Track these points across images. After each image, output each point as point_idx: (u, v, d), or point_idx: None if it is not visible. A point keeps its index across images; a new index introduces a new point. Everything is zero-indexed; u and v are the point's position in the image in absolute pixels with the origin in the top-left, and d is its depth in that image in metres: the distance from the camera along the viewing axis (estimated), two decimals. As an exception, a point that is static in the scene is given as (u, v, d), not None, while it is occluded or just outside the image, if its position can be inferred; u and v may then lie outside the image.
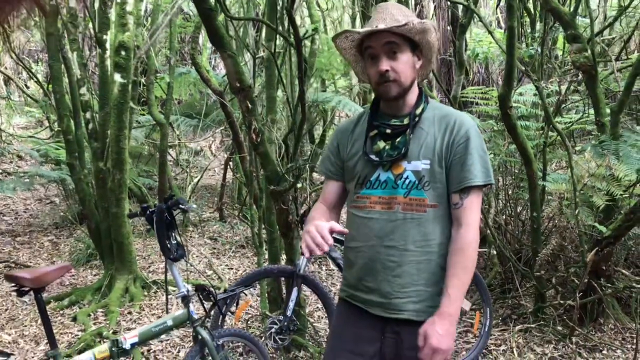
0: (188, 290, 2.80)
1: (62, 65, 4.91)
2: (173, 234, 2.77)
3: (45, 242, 6.80)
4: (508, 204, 5.35)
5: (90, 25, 5.31)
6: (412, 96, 1.85)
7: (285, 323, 3.39)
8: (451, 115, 1.82)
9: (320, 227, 1.66)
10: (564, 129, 5.31)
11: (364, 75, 1.93)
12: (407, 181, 1.79)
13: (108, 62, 4.58)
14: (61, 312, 4.64)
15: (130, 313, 4.51)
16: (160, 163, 6.53)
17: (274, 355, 3.78)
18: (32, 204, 8.79)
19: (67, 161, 4.92)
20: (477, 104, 5.53)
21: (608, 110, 4.54)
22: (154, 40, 5.39)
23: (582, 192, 4.17)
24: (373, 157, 1.83)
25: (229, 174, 7.54)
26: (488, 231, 4.65)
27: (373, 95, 1.98)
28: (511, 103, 4.03)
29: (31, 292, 2.47)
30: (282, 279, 3.98)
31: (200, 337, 2.79)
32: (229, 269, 5.64)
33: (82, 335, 4.08)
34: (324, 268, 5.76)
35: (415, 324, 1.75)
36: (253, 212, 4.66)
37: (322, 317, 4.50)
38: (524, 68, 4.32)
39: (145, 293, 4.83)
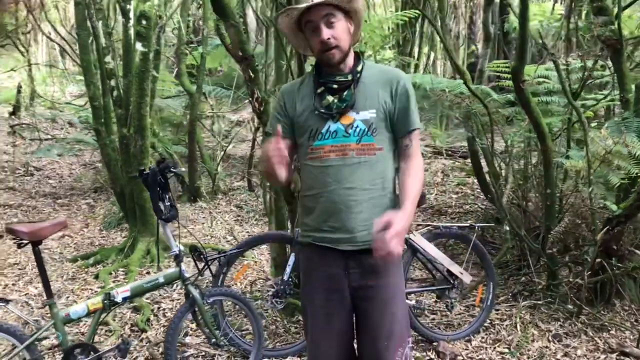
0: (180, 250, 2.94)
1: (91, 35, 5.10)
2: (167, 196, 2.90)
3: (83, 205, 7.15)
4: (531, 179, 5.26)
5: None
6: (350, 58, 2.07)
7: (282, 287, 3.50)
8: (389, 72, 2.12)
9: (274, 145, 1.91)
10: (592, 107, 5.17)
11: (303, 47, 2.18)
12: (358, 129, 2.03)
13: (131, 31, 4.73)
14: (86, 270, 4.92)
15: (148, 273, 4.73)
16: (189, 131, 6.72)
17: (278, 318, 3.90)
18: (77, 168, 9.20)
19: (93, 127, 5.14)
20: (500, 77, 5.42)
21: (633, 87, 4.39)
22: (175, 10, 5.50)
23: (598, 169, 4.08)
24: (323, 110, 2.05)
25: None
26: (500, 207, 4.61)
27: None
28: (524, 77, 3.96)
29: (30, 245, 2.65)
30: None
31: (190, 295, 2.93)
32: (249, 235, 5.80)
33: (99, 291, 4.32)
34: None
35: (371, 254, 1.92)
36: (258, 180, 4.77)
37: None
38: (540, 41, 4.21)
39: (165, 255, 5.04)
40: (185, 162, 7.12)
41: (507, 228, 4.69)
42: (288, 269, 3.51)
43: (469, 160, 6.74)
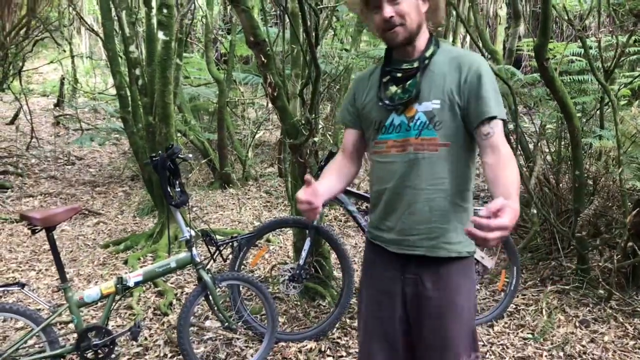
0: (191, 235, 2.98)
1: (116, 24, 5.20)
2: (177, 182, 2.94)
3: (119, 193, 7.34)
4: (563, 161, 5.10)
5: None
6: (422, 41, 1.86)
7: (298, 271, 3.51)
8: (462, 56, 1.83)
9: (300, 198, 1.78)
10: (627, 84, 4.96)
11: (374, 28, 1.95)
12: (419, 122, 1.83)
13: (154, 20, 4.79)
14: (116, 255, 5.05)
15: (175, 258, 4.82)
16: (218, 119, 6.79)
17: (298, 302, 3.93)
18: (117, 157, 9.44)
19: (120, 115, 5.25)
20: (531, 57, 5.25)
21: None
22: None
23: (629, 149, 3.93)
24: (387, 102, 1.88)
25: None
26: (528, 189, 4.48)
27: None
28: (548, 54, 3.82)
29: (43, 230, 2.73)
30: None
31: (202, 279, 2.97)
32: (276, 221, 5.85)
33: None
34: (344, 221, 5.81)
35: (431, 263, 1.84)
36: (287, 166, 4.78)
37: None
38: (566, 17, 4.05)
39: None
40: (215, 149, 7.20)
41: (535, 211, 4.57)
42: (304, 254, 3.51)
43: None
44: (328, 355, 3.35)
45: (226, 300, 3.55)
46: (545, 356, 3.30)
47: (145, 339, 3.52)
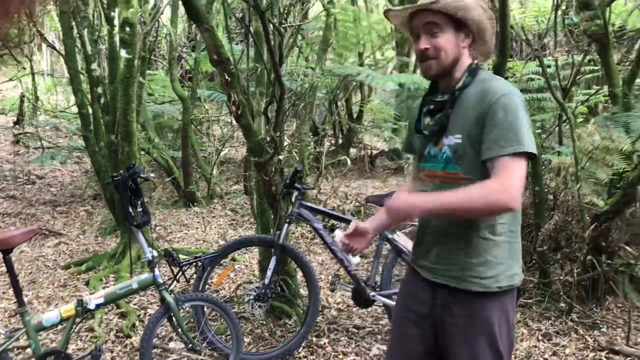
0: (153, 256, 2.94)
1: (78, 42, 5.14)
2: (139, 201, 2.90)
3: (81, 212, 7.18)
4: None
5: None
6: (458, 74, 1.88)
7: (263, 290, 3.49)
8: (489, 88, 1.79)
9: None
10: (584, 102, 5.12)
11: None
12: (445, 155, 1.86)
13: (117, 38, 4.75)
14: (78, 276, 4.93)
15: (138, 279, 4.74)
16: (183, 136, 6.74)
17: (264, 322, 3.89)
18: (79, 176, 9.25)
19: (81, 134, 5.17)
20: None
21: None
22: (158, 16, 5.52)
23: (587, 165, 4.03)
24: (423, 132, 1.93)
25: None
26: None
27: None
28: (507, 73, 3.92)
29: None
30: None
31: (165, 300, 2.93)
32: (242, 239, 5.80)
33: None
34: (311, 238, 5.81)
35: (460, 294, 1.85)
36: (252, 183, 4.77)
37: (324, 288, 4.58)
38: (524, 37, 4.16)
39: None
40: (180, 167, 7.13)
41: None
42: (269, 273, 3.49)
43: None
44: (294, 375, 3.33)
45: (190, 320, 3.50)
46: (511, 370, 3.34)
47: (107, 362, 3.44)
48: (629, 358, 3.41)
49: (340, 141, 9.76)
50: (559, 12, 4.57)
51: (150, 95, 9.21)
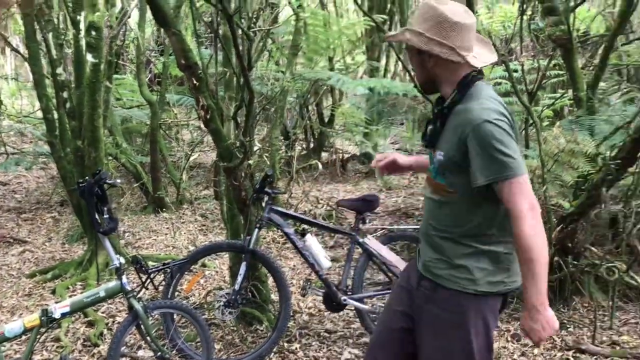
0: (121, 263, 2.88)
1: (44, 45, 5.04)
2: (105, 208, 2.85)
3: (47, 219, 7.03)
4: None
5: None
6: (447, 89, 1.98)
7: (233, 297, 3.46)
8: (467, 111, 1.87)
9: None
10: (550, 106, 5.22)
11: None
12: (434, 167, 2.00)
13: (82, 42, 4.67)
14: (43, 285, 4.82)
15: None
16: (151, 141, 6.66)
17: (235, 328, 3.86)
18: (45, 182, 9.06)
19: (47, 139, 5.07)
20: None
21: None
22: (125, 20, 5.46)
23: (552, 168, 4.10)
24: (426, 138, 2.08)
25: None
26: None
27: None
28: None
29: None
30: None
31: (133, 308, 2.88)
32: (213, 245, 5.74)
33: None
34: (282, 243, 5.80)
35: (439, 289, 1.99)
36: (222, 189, 4.73)
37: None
38: (491, 42, 4.21)
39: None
40: (148, 173, 7.04)
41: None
42: (239, 278, 3.47)
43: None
44: (265, 381, 3.30)
45: (159, 328, 3.46)
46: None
47: (74, 372, 3.37)
48: (595, 357, 3.47)
49: (311, 145, 9.75)
50: (525, 18, 4.65)
51: (119, 99, 9.08)
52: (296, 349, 3.65)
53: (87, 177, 2.86)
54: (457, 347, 1.96)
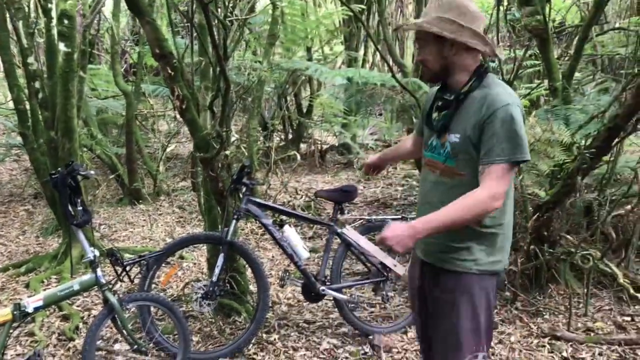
0: (95, 256, 2.84)
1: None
2: (79, 200, 2.80)
3: (21, 212, 6.91)
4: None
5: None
6: (460, 77, 2.05)
7: (211, 288, 3.43)
8: (490, 97, 1.95)
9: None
10: (526, 95, 5.25)
11: None
12: (446, 151, 2.06)
13: (54, 31, 4.57)
14: (17, 278, 4.74)
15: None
16: (126, 132, 6.57)
17: (213, 320, 3.83)
18: (18, 174, 8.91)
19: (19, 131, 4.96)
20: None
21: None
22: (99, 9, 5.35)
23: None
24: (431, 124, 2.15)
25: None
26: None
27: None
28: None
29: None
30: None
31: (108, 301, 2.84)
32: (190, 236, 5.69)
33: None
34: (260, 234, 5.78)
35: (441, 272, 2.12)
36: (199, 180, 4.68)
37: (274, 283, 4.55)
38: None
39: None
40: (124, 164, 6.94)
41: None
42: (217, 270, 3.44)
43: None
44: (244, 373, 3.29)
45: (136, 321, 3.41)
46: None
47: (49, 367, 3.32)
48: (570, 343, 3.52)
49: (290, 136, 9.71)
50: (502, 8, 4.66)
51: (94, 90, 8.93)
52: (275, 339, 3.64)
53: (59, 169, 2.80)
54: (465, 326, 2.07)
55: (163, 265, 4.70)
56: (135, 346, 2.95)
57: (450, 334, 2.11)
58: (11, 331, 2.74)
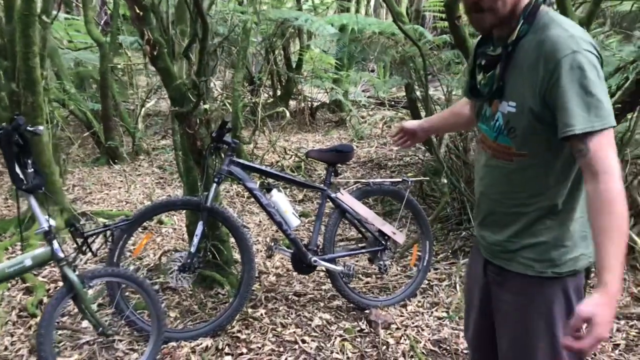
0: (50, 226, 2.44)
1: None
2: (29, 161, 2.38)
3: (-11, 172, 6.46)
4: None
5: None
6: (510, 25, 1.49)
7: (189, 260, 3.05)
8: (547, 40, 1.40)
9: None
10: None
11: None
12: (498, 124, 1.54)
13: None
14: (-20, 244, 4.33)
15: (50, 247, 4.19)
16: (101, 86, 6.08)
17: (193, 293, 3.48)
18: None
19: (-25, 83, 4.47)
20: (440, 18, 5.00)
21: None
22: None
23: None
24: (477, 89, 1.62)
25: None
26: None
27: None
28: (459, 12, 3.53)
29: None
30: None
31: (67, 278, 2.45)
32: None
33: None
34: (247, 197, 5.41)
35: (509, 274, 1.63)
36: (176, 137, 4.25)
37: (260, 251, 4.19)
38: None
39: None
40: (99, 121, 6.47)
41: (445, 181, 4.35)
42: (195, 240, 3.04)
43: (409, 110, 6.37)
44: (227, 354, 2.94)
45: (103, 296, 3.04)
46: (462, 338, 3.07)
47: (6, 348, 2.94)
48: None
49: (278, 92, 9.24)
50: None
51: (71, 42, 8.37)
52: (261, 315, 3.29)
53: (3, 124, 2.37)
54: (537, 339, 1.60)
55: (140, 230, 4.34)
56: (101, 328, 2.58)
57: (516, 346, 1.65)
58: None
